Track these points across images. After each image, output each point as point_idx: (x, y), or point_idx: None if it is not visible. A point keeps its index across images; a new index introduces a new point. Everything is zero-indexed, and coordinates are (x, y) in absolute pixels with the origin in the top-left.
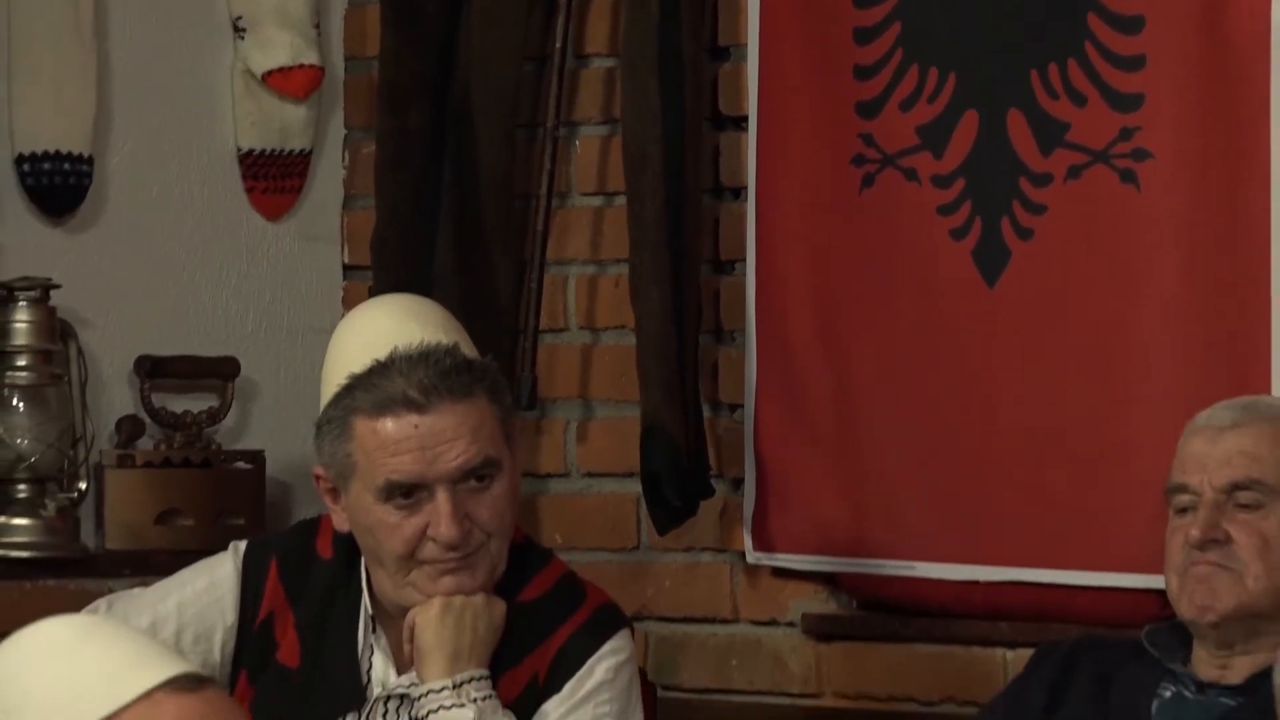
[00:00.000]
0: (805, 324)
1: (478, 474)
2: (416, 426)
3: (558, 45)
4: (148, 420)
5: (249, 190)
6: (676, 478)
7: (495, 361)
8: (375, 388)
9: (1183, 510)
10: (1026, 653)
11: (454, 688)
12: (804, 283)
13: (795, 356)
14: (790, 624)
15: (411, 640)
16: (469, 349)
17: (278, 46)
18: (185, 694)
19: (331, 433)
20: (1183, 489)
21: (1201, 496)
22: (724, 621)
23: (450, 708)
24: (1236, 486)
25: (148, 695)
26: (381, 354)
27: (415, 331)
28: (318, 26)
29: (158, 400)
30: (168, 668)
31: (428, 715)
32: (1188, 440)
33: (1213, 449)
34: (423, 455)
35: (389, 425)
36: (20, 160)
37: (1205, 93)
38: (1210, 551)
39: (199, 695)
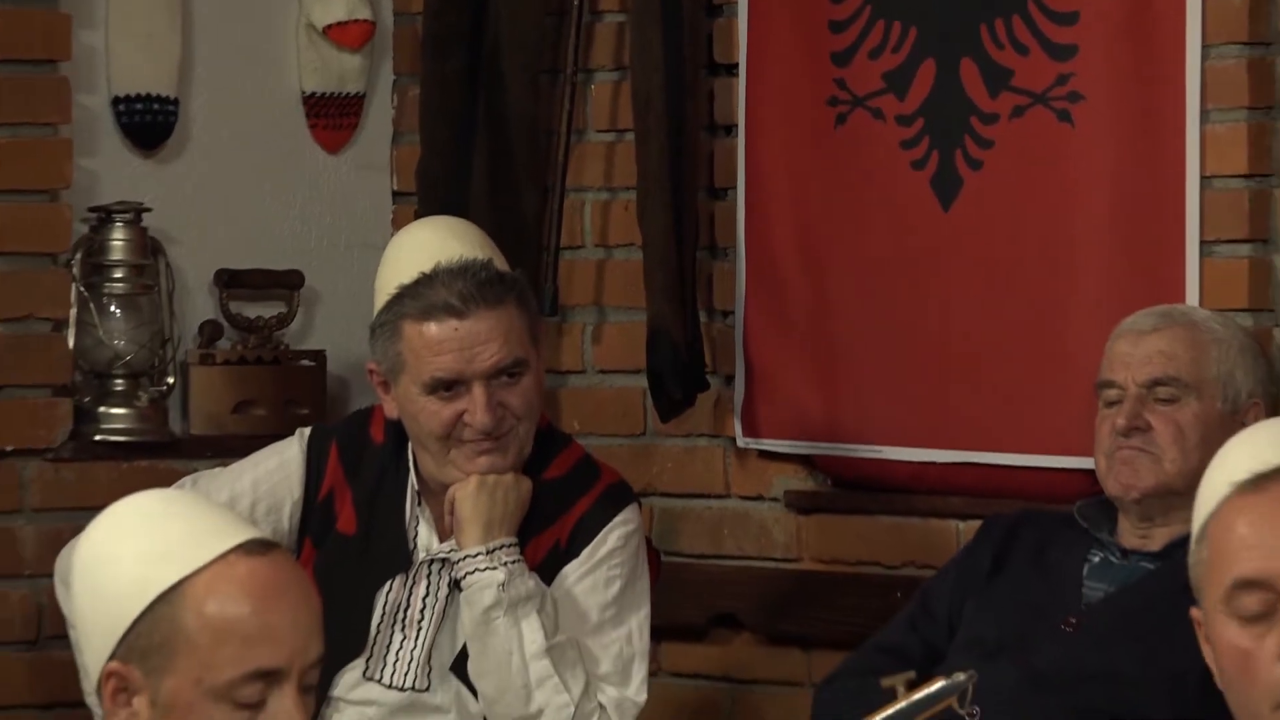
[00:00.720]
0: (787, 242)
1: (509, 371)
2: (456, 330)
3: (575, 2)
4: (225, 324)
5: (311, 127)
6: (677, 373)
7: (523, 274)
8: (421, 296)
9: (1110, 403)
10: (975, 524)
11: (487, 553)
12: (786, 206)
13: (778, 269)
14: (774, 499)
15: (451, 512)
16: (501, 263)
17: (336, 3)
18: (255, 556)
19: (384, 335)
20: (1110, 384)
21: (1126, 391)
22: (717, 497)
23: (484, 570)
24: (1156, 382)
25: (222, 557)
26: (427, 267)
27: (455, 248)
28: None
29: (234, 307)
30: (241, 534)
31: (465, 576)
32: (1114, 342)
33: (1135, 350)
34: (462, 355)
35: (433, 329)
36: (116, 101)
37: (1129, 42)
38: (1133, 438)
39: (267, 557)
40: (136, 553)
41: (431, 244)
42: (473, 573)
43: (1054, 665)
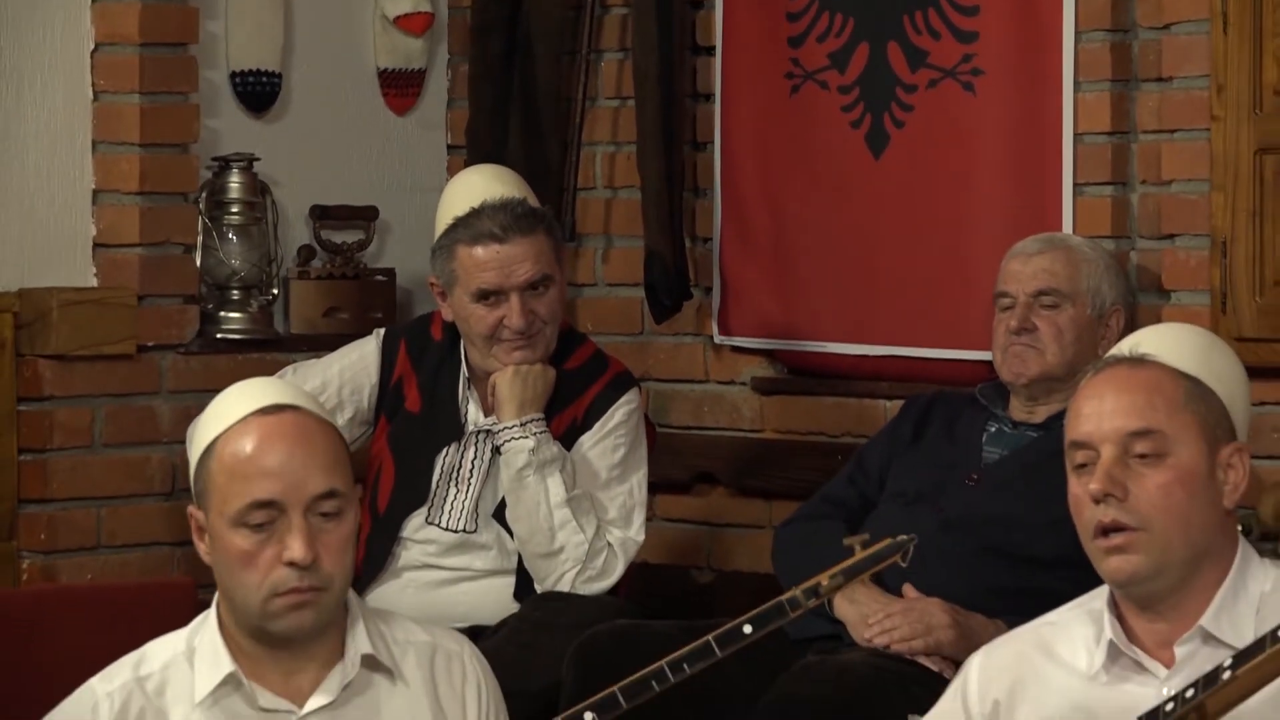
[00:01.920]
0: (753, 184)
1: (538, 284)
2: (498, 253)
3: None
4: (317, 248)
5: (384, 95)
6: (667, 286)
7: (549, 209)
8: (471, 226)
9: (1005, 308)
10: (899, 402)
11: (521, 425)
12: (752, 157)
13: (746, 205)
14: (743, 384)
15: (493, 394)
16: (533, 201)
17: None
18: (267, 415)
19: (441, 255)
20: (1005, 294)
21: (1017, 300)
22: (699, 382)
23: (518, 438)
24: (1041, 293)
25: (244, 418)
26: (475, 204)
27: (498, 190)
28: None
29: (324, 234)
30: (270, 400)
31: (503, 443)
32: (1008, 261)
33: (1025, 268)
34: (501, 271)
35: (479, 251)
36: (233, 75)
37: (1019, 30)
38: (1023, 337)
39: (275, 415)
40: (205, 420)
41: (478, 186)
42: (509, 440)
43: (960, 512)
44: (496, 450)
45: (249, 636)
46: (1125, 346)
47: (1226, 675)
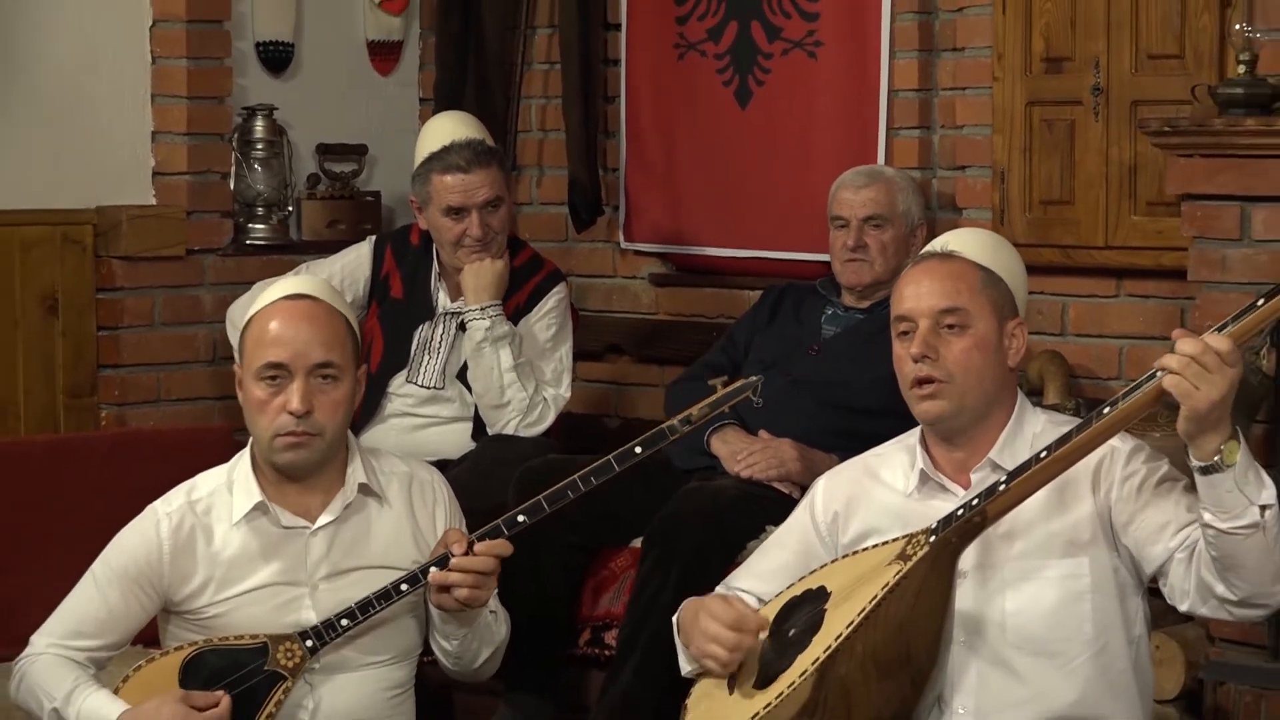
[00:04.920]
0: (650, 127)
1: (491, 205)
2: (463, 180)
3: None
4: (322, 175)
5: (372, 61)
6: (586, 205)
7: (499, 147)
8: (442, 159)
9: (839, 228)
10: (759, 292)
11: (480, 309)
12: (649, 107)
13: (645, 143)
14: (643, 278)
15: (459, 284)
16: (489, 140)
17: None
18: (288, 300)
19: (419, 180)
20: (839, 218)
21: (850, 223)
22: (609, 277)
23: (478, 319)
24: (869, 218)
25: (272, 303)
26: (446, 142)
27: (463, 131)
28: None
29: (327, 166)
30: (291, 291)
31: (467, 322)
32: (839, 190)
33: (855, 197)
34: (465, 194)
35: (448, 179)
36: (257, 44)
37: (849, 12)
38: (857, 253)
39: (293, 301)
40: (249, 304)
41: (447, 128)
42: (472, 320)
43: (805, 374)
44: (461, 327)
45: (272, 468)
46: (937, 244)
47: (1001, 489)
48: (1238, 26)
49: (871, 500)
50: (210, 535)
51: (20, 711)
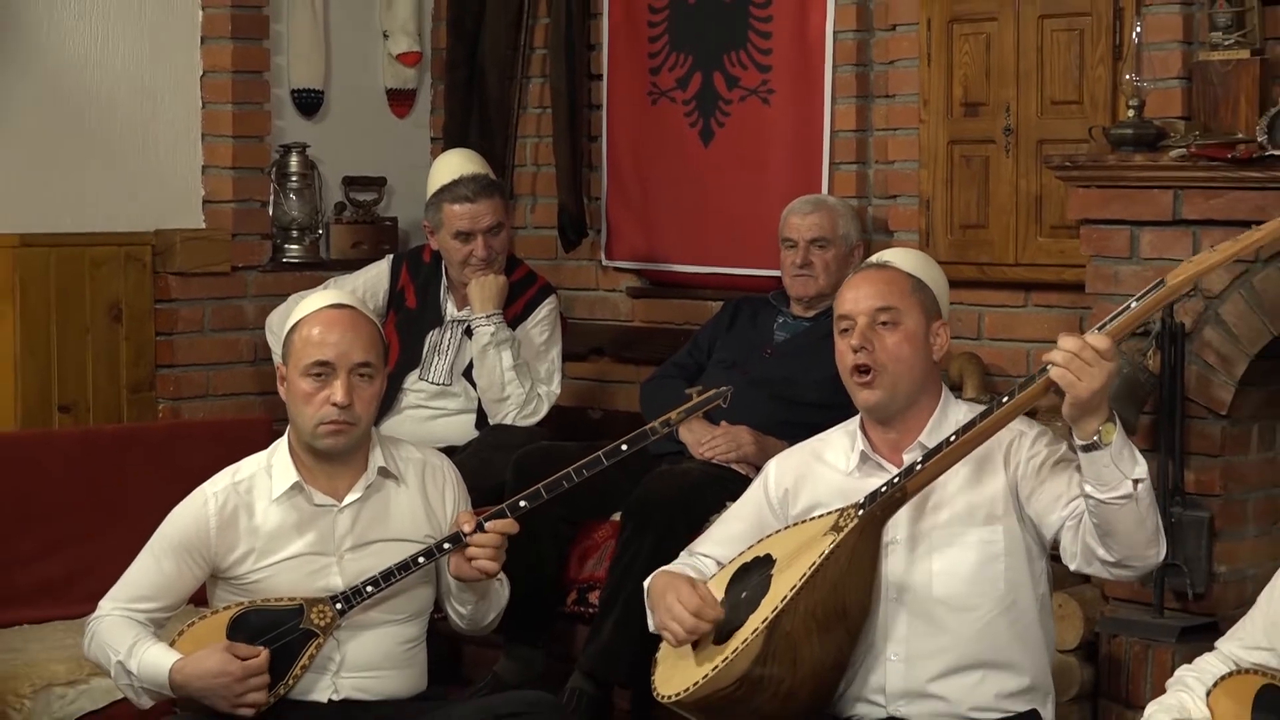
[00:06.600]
0: (628, 162)
1: (494, 229)
2: (470, 209)
3: (522, 42)
4: (347, 204)
5: (390, 105)
6: (573, 227)
7: (501, 180)
8: (452, 190)
9: (789, 248)
10: (720, 303)
11: (485, 317)
12: (627, 145)
13: (623, 175)
14: (621, 291)
15: (465, 296)
16: (491, 174)
17: (402, 41)
18: (330, 309)
19: (432, 208)
20: (788, 239)
21: (798, 244)
22: (592, 290)
23: (483, 325)
24: (815, 240)
25: (316, 310)
26: (455, 176)
27: (469, 166)
28: (419, 32)
29: (352, 195)
30: (332, 300)
31: (474, 329)
32: (788, 215)
33: (802, 222)
34: (471, 221)
35: (457, 208)
36: (292, 92)
37: (798, 65)
38: (804, 269)
39: (335, 309)
40: (287, 313)
41: (456, 164)
42: (478, 327)
43: (760, 373)
44: (467, 333)
45: (307, 453)
46: (874, 259)
47: (919, 468)
48: (1128, 77)
49: (817, 479)
50: (252, 511)
51: (89, 663)
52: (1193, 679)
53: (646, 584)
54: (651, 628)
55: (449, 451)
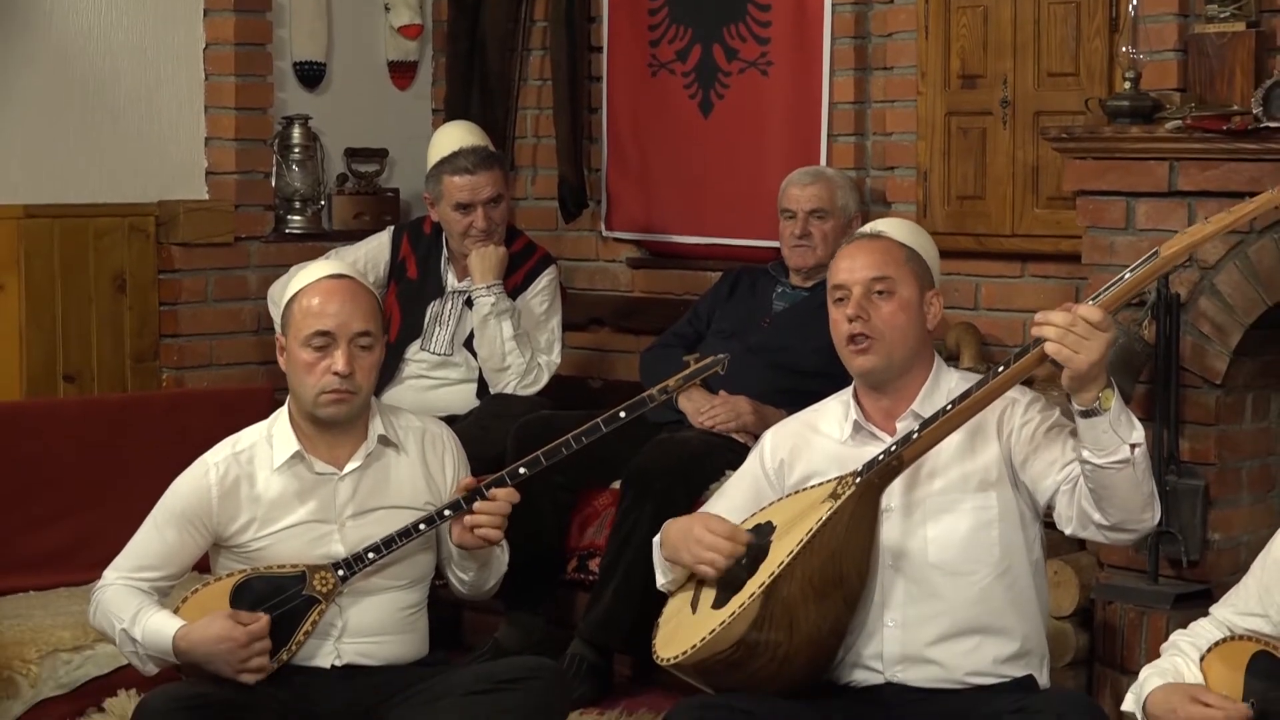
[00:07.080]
0: (628, 134)
1: (494, 201)
2: (470, 180)
3: (523, 15)
4: (349, 175)
5: (391, 77)
6: (573, 199)
7: (500, 152)
8: (453, 162)
9: (788, 219)
10: (720, 273)
11: (486, 288)
12: (626, 117)
13: (623, 147)
14: (621, 262)
15: (465, 267)
16: (491, 146)
17: (403, 14)
18: (328, 279)
19: (432, 180)
20: (787, 210)
21: (797, 215)
22: (592, 260)
23: (484, 296)
24: (814, 211)
25: (316, 280)
26: (455, 148)
27: (469, 138)
28: (421, 5)
29: (354, 166)
30: (332, 270)
31: (475, 299)
32: (787, 187)
33: (802, 192)
34: (471, 192)
35: (458, 179)
36: (295, 64)
37: (796, 38)
38: (803, 240)
39: (333, 279)
40: (292, 280)
41: (456, 136)
42: (479, 297)
43: (759, 342)
44: (468, 303)
45: (307, 422)
46: (868, 228)
47: (915, 436)
48: (1124, 49)
49: (812, 448)
50: (253, 480)
51: (95, 629)
52: (1187, 644)
53: (657, 539)
54: (661, 582)
55: (450, 420)
